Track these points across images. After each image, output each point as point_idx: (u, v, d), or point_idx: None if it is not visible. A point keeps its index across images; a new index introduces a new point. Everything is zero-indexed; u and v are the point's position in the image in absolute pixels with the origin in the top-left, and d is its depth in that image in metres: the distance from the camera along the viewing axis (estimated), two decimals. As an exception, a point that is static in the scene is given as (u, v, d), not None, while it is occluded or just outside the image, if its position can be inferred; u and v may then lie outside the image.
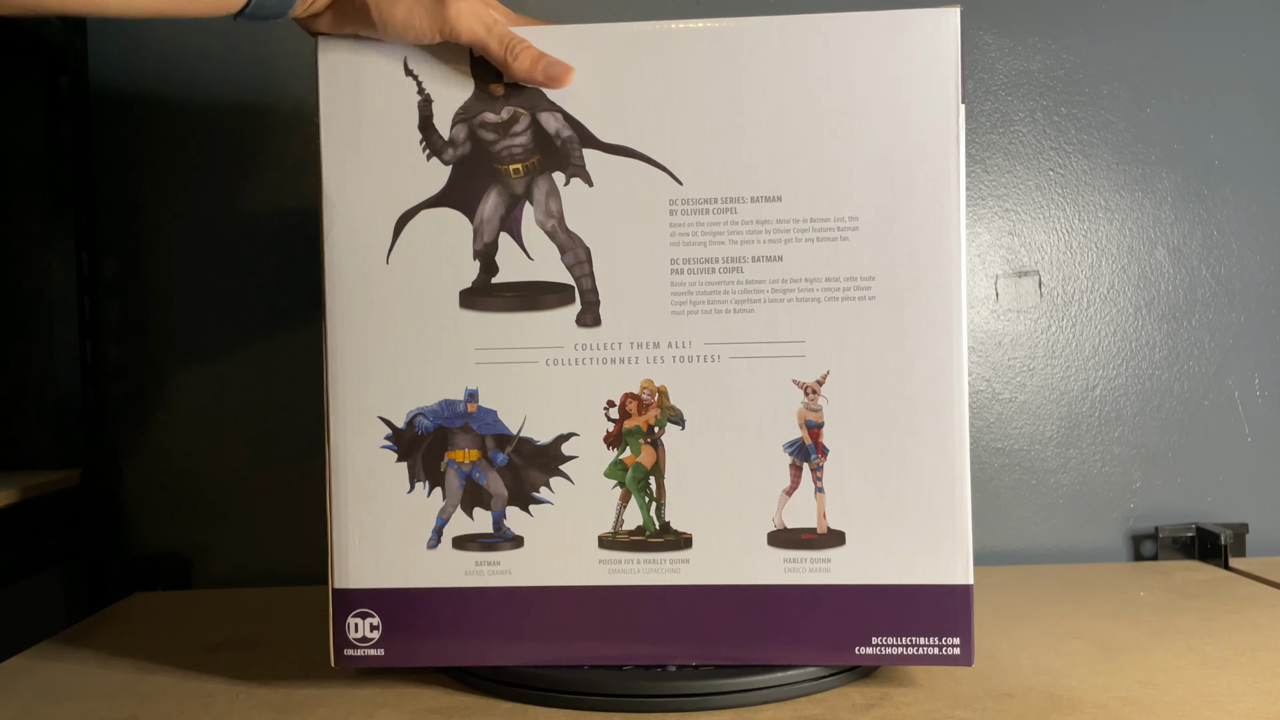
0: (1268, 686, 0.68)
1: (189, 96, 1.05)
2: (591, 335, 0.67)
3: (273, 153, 1.06)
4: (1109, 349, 1.08)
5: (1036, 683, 0.70)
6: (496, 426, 0.68)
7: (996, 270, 1.08)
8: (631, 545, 0.68)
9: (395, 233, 0.67)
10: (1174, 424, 1.09)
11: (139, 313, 1.05)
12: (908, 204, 0.67)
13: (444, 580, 0.68)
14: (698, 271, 0.67)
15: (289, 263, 1.05)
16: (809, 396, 0.67)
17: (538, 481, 0.68)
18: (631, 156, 0.67)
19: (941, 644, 0.67)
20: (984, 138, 1.07)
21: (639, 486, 0.68)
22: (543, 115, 0.67)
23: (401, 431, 0.68)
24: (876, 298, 0.67)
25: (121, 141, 1.05)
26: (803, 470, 0.67)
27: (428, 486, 0.68)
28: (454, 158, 0.67)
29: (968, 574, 0.67)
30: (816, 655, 0.68)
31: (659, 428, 0.67)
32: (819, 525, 0.67)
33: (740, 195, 0.67)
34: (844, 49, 0.66)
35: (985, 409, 1.08)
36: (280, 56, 1.05)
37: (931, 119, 0.66)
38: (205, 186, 1.05)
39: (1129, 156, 1.08)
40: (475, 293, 0.67)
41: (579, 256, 0.67)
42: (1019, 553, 1.08)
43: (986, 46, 1.07)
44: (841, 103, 0.66)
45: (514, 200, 0.67)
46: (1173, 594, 0.92)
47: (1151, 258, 1.08)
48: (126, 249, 1.05)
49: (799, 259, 0.67)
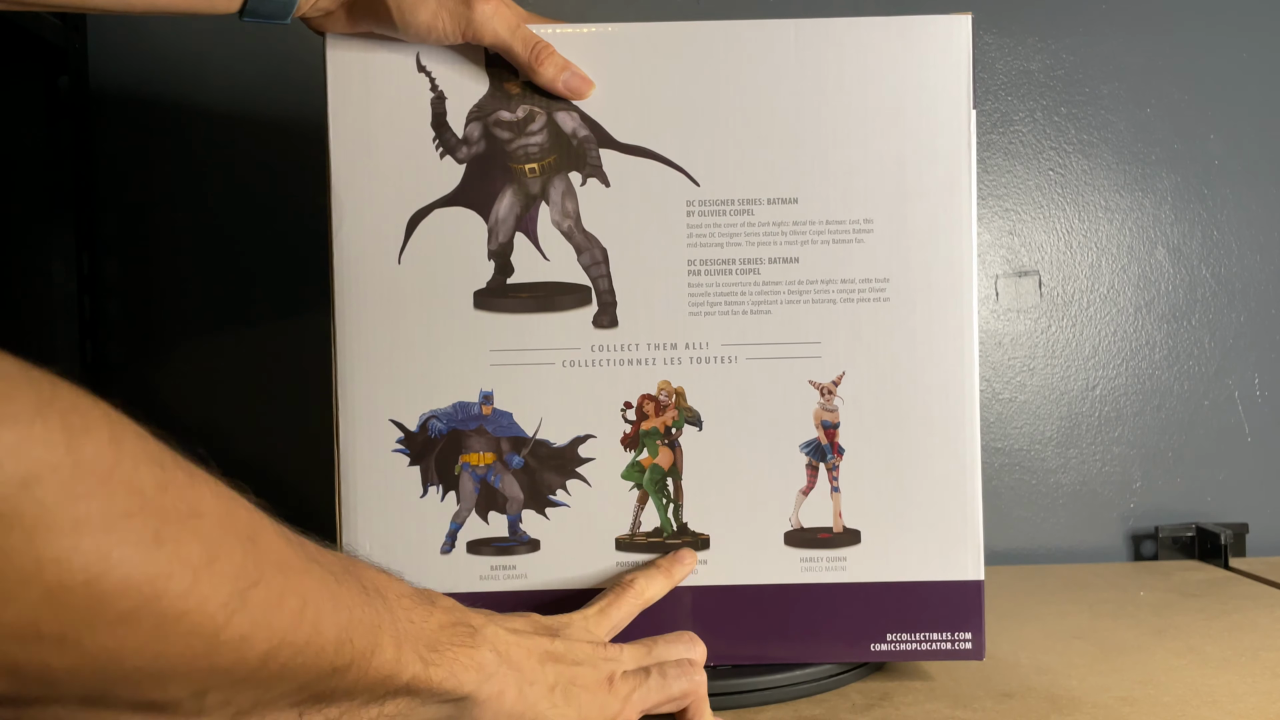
0: (1268, 686, 0.69)
1: (189, 96, 1.04)
2: (608, 336, 0.67)
3: (275, 152, 1.05)
4: (1109, 349, 1.09)
5: (1036, 683, 0.70)
6: (512, 429, 0.68)
7: (996, 270, 1.08)
8: (649, 547, 0.68)
9: (407, 232, 0.67)
10: (1174, 424, 1.09)
11: (139, 313, 1.04)
12: (920, 206, 0.67)
13: (458, 585, 0.68)
14: (715, 273, 0.67)
15: (294, 263, 1.04)
16: (825, 397, 0.67)
17: (554, 484, 0.68)
18: (648, 157, 0.67)
19: (954, 639, 0.68)
20: (984, 138, 1.07)
21: (656, 488, 0.68)
22: (559, 114, 0.67)
23: (414, 435, 0.68)
24: (891, 299, 0.67)
25: (121, 141, 1.04)
26: (819, 470, 0.67)
27: (441, 490, 0.68)
28: (468, 156, 0.67)
29: (979, 570, 0.68)
30: (833, 653, 0.68)
31: (676, 429, 0.67)
32: (835, 524, 0.68)
33: (757, 197, 0.67)
34: (858, 53, 0.67)
35: (985, 409, 1.08)
36: (282, 55, 1.04)
37: (944, 123, 0.68)
38: (206, 186, 1.05)
39: (1129, 156, 1.08)
40: (490, 293, 0.67)
41: (596, 257, 0.67)
42: (1019, 553, 1.09)
43: (986, 46, 1.07)
44: (856, 105, 0.67)
45: (529, 200, 0.67)
46: (1173, 594, 0.92)
47: (1151, 258, 1.09)
48: (126, 249, 1.04)
49: (815, 260, 0.67)
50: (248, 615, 0.39)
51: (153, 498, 0.36)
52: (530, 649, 0.56)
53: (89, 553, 0.34)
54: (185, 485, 0.39)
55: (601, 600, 0.64)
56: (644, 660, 0.61)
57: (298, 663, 0.42)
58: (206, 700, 0.40)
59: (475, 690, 0.52)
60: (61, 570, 0.33)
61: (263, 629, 0.40)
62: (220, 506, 0.40)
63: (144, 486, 0.36)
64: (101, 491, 0.35)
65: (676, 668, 0.60)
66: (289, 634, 0.42)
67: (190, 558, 0.37)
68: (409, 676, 0.49)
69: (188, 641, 0.37)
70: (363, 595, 0.48)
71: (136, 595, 0.35)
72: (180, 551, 0.37)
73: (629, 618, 0.64)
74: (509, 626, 0.57)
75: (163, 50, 1.04)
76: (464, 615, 0.55)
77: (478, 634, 0.54)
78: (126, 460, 0.36)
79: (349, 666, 0.45)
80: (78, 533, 0.34)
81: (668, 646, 0.62)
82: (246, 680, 0.40)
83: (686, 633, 0.64)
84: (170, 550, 0.36)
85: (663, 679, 0.59)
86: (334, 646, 0.44)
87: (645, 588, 0.65)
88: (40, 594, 0.33)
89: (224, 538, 0.39)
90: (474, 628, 0.55)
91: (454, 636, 0.53)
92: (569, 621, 0.61)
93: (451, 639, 0.53)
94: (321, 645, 0.43)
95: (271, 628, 0.41)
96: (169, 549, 0.36)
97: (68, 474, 0.34)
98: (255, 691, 0.41)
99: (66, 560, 0.33)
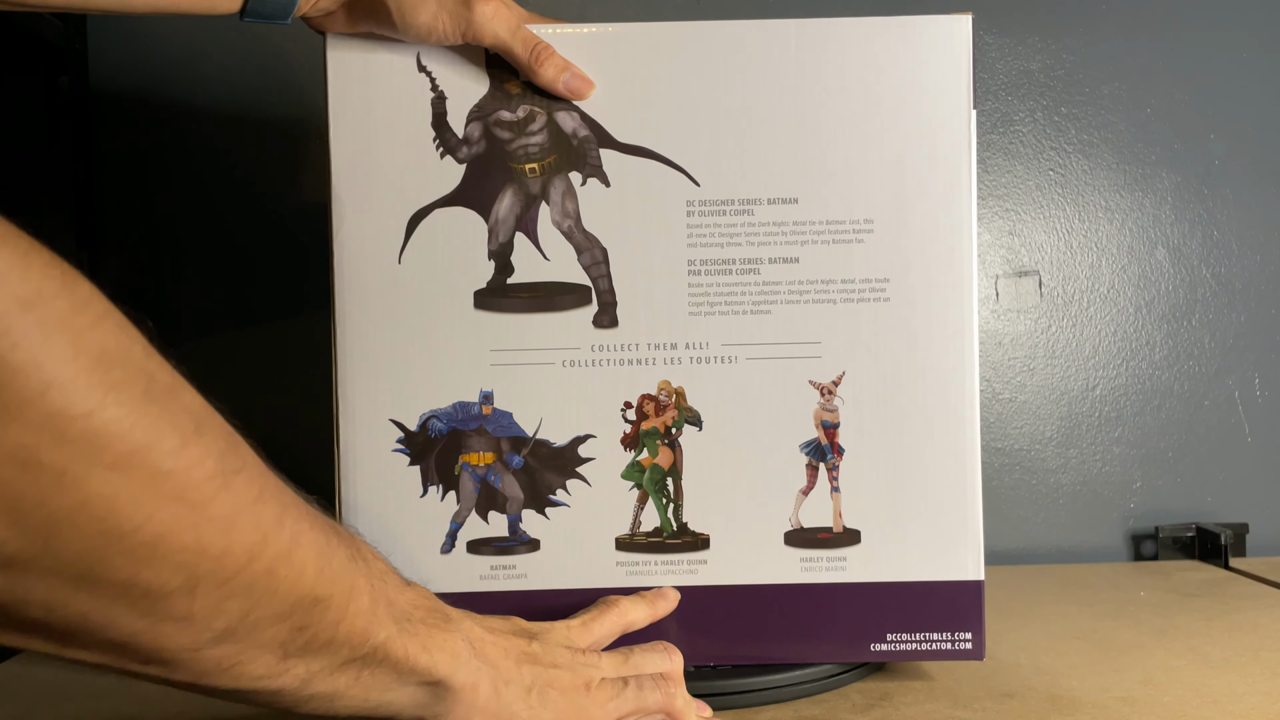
0: (1268, 686, 0.69)
1: (190, 96, 1.04)
2: (608, 336, 0.67)
3: (275, 151, 1.05)
4: (1109, 349, 1.09)
5: (1036, 683, 0.70)
6: (512, 429, 0.68)
7: (996, 270, 1.08)
8: (649, 547, 0.68)
9: (407, 232, 0.67)
10: (1174, 424, 1.09)
11: (139, 313, 1.04)
12: (921, 207, 0.67)
13: (458, 585, 0.68)
14: (715, 273, 0.67)
15: (294, 262, 1.04)
16: (825, 397, 0.67)
17: (554, 484, 0.68)
18: (649, 157, 0.67)
19: (954, 639, 0.68)
20: (984, 138, 1.07)
21: (656, 488, 0.68)
22: (559, 114, 0.67)
23: (414, 435, 0.68)
24: (891, 299, 0.67)
25: (122, 141, 1.04)
26: (819, 470, 0.67)
27: (441, 490, 0.68)
28: (468, 156, 0.67)
29: (979, 570, 0.68)
30: (833, 653, 0.68)
31: (676, 429, 0.67)
32: (835, 524, 0.68)
33: (757, 197, 0.67)
34: (859, 53, 0.67)
35: (985, 409, 1.08)
36: (282, 55, 1.04)
37: (944, 123, 0.67)
38: (207, 186, 1.05)
39: (1129, 156, 1.08)
40: (490, 293, 0.67)
41: (596, 257, 0.67)
42: (1019, 553, 1.09)
43: (987, 46, 1.07)
44: (856, 105, 0.67)
45: (530, 200, 0.67)
46: (1173, 594, 0.93)
47: (1151, 258, 1.09)
48: (127, 249, 1.04)
49: (815, 260, 0.67)
50: (232, 497, 0.40)
51: (140, 360, 0.37)
52: (507, 648, 0.56)
53: (86, 388, 0.34)
54: (169, 369, 0.40)
55: (585, 614, 0.64)
56: (621, 669, 0.60)
57: (281, 573, 0.42)
58: (196, 600, 0.39)
59: (449, 675, 0.52)
60: (62, 397, 0.34)
61: (248, 516, 0.41)
62: (200, 403, 0.41)
63: (133, 347, 0.37)
64: (96, 331, 0.35)
65: (652, 680, 0.60)
66: (271, 533, 0.42)
67: (178, 423, 0.38)
68: (383, 637, 0.49)
69: (177, 507, 0.37)
70: (336, 535, 0.48)
71: (129, 441, 0.36)
72: (168, 413, 0.38)
73: (611, 636, 0.64)
74: (486, 624, 0.57)
75: (163, 50, 1.04)
76: (440, 604, 0.55)
77: (451, 622, 0.54)
78: (115, 315, 0.37)
79: (329, 601, 0.45)
80: (76, 363, 0.34)
81: (644, 657, 0.61)
82: (233, 580, 0.40)
83: (662, 643, 0.63)
84: (159, 409, 0.37)
85: (639, 690, 0.59)
86: (315, 570, 0.44)
87: (628, 610, 0.65)
88: (42, 417, 0.33)
89: (207, 419, 0.40)
90: (448, 616, 0.54)
91: (427, 616, 0.53)
92: (549, 628, 0.60)
93: (424, 618, 0.52)
94: (303, 563, 0.43)
95: (257, 519, 0.41)
96: (158, 407, 0.37)
97: (66, 306, 0.34)
98: (242, 600, 0.41)
99: (68, 387, 0.34)
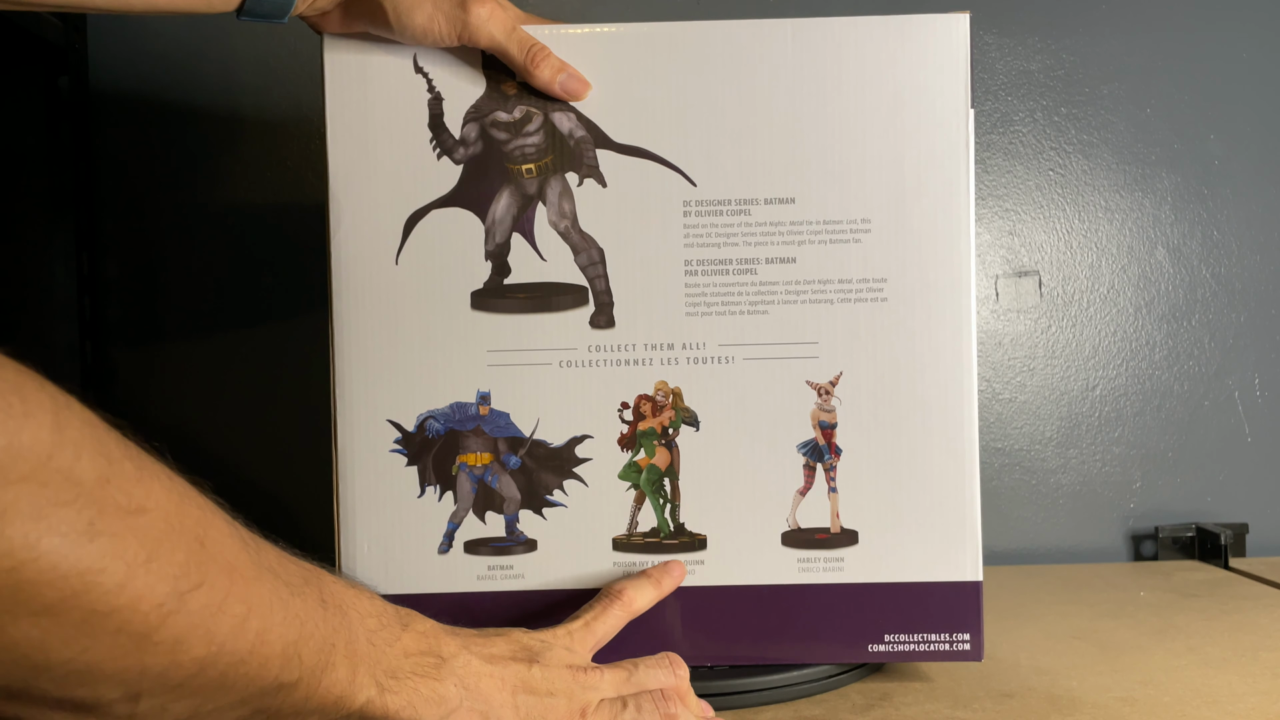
0: (1268, 686, 0.69)
1: (189, 96, 1.04)
2: (605, 337, 0.67)
3: (274, 152, 1.05)
4: (1109, 349, 1.09)
5: (1036, 683, 0.70)
6: (509, 429, 0.68)
7: (996, 270, 1.08)
8: (646, 547, 0.68)
9: (405, 233, 0.67)
10: (1174, 424, 1.09)
11: (139, 313, 1.04)
12: (918, 206, 0.67)
13: (456, 585, 0.68)
14: (712, 273, 0.67)
15: (292, 263, 1.04)
16: (822, 397, 0.67)
17: (551, 484, 0.68)
18: (645, 157, 0.67)
19: (952, 640, 0.68)
20: (984, 138, 1.07)
21: (653, 488, 0.68)
22: (556, 115, 0.67)
23: (411, 435, 0.68)
24: (889, 299, 0.67)
25: (122, 141, 1.04)
26: (816, 470, 0.67)
27: (438, 490, 0.68)
28: (465, 157, 0.67)
29: (977, 571, 0.68)
30: (831, 653, 0.68)
31: (673, 429, 0.67)
32: (832, 525, 0.68)
33: (754, 197, 0.67)
34: (856, 52, 0.67)
35: (985, 409, 1.08)
36: (281, 55, 1.04)
37: (942, 122, 0.67)
38: (206, 186, 1.05)
39: (1129, 156, 1.08)
40: (487, 294, 0.67)
41: (593, 257, 0.67)
42: (1019, 553, 1.09)
43: (987, 46, 1.07)
44: (853, 105, 0.67)
45: (526, 200, 0.67)
46: (1173, 594, 0.92)
47: (1151, 258, 1.09)
48: (126, 249, 1.04)
49: (812, 261, 0.67)
50: (185, 618, 0.38)
51: (91, 489, 0.36)
52: (504, 679, 0.55)
53: (15, 539, 0.33)
54: (132, 479, 0.38)
55: (588, 612, 0.63)
56: (623, 687, 0.59)
57: (239, 674, 0.41)
58: (139, 706, 0.39)
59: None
60: None
61: (200, 634, 0.39)
62: (169, 503, 0.39)
63: (83, 477, 0.36)
64: (35, 478, 0.34)
65: (652, 700, 0.59)
66: (229, 642, 0.40)
67: (126, 554, 0.36)
68: (363, 700, 0.48)
69: (116, 639, 0.36)
70: (320, 609, 0.47)
71: (64, 587, 0.34)
72: (116, 546, 0.36)
73: (615, 629, 0.63)
74: (486, 653, 0.56)
75: (163, 50, 1.04)
76: (435, 643, 0.54)
77: (445, 665, 0.53)
78: (67, 448, 0.35)
79: (296, 684, 0.44)
80: (4, 518, 0.33)
81: (649, 672, 0.60)
82: (182, 687, 0.39)
83: (668, 655, 0.62)
84: (104, 544, 0.36)
85: (638, 712, 0.58)
86: (280, 661, 0.43)
87: (634, 598, 0.64)
88: None
89: (168, 536, 0.38)
90: (442, 658, 0.53)
91: (418, 665, 0.52)
92: (551, 642, 0.59)
93: (415, 668, 0.52)
94: (266, 657, 0.42)
95: (211, 633, 0.40)
96: (103, 543, 0.36)
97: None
98: (192, 700, 0.40)
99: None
